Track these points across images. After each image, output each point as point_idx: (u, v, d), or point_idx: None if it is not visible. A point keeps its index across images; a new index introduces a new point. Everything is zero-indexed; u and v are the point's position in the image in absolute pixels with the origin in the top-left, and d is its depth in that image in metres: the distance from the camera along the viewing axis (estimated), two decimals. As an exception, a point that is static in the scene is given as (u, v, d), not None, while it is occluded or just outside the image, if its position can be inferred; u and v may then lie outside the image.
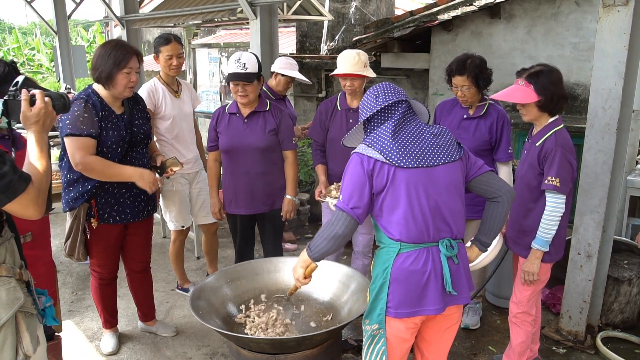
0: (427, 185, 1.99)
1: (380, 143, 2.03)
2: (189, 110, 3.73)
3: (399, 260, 1.99)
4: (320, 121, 3.48)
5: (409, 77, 6.64)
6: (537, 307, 2.86)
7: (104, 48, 2.76)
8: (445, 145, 2.08)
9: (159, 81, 3.59)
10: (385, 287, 2.01)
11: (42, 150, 1.67)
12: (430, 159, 2.02)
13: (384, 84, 2.19)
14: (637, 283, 3.42)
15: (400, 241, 1.99)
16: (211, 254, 4.02)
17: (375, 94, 2.15)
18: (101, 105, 2.79)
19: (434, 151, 2.04)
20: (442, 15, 5.41)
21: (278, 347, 2.37)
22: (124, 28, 6.18)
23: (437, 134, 2.10)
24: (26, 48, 20.13)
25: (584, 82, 5.08)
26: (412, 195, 1.98)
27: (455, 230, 2.05)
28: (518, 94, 2.55)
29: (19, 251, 1.76)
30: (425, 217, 1.99)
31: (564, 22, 5.15)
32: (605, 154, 3.01)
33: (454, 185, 2.05)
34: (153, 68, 9.91)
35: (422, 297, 1.99)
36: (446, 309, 2.05)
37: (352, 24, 8.40)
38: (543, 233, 2.55)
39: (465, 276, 2.07)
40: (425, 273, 1.98)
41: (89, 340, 3.46)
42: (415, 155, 2.00)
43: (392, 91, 2.15)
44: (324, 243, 2.06)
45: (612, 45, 2.90)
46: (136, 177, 2.80)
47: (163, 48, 3.49)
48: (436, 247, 2.00)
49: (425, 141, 2.06)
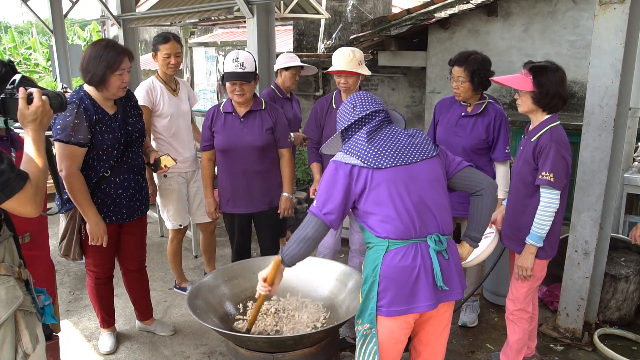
0: (407, 182, 2.01)
1: (356, 148, 2.07)
2: (187, 108, 3.73)
3: (388, 258, 1.99)
4: (315, 119, 3.49)
5: (406, 75, 6.65)
6: (534, 304, 2.87)
7: (94, 49, 2.71)
8: (420, 144, 2.11)
9: (157, 79, 3.58)
10: (375, 285, 2.01)
11: (39, 148, 1.67)
12: (407, 157, 2.04)
13: (362, 93, 2.23)
14: (634, 280, 3.43)
15: (388, 238, 2.00)
16: (209, 252, 4.02)
17: (353, 104, 2.18)
18: (94, 109, 2.76)
19: (411, 149, 2.07)
20: (439, 13, 5.41)
21: (276, 345, 2.37)
22: (121, 27, 6.17)
23: (411, 134, 2.14)
24: (22, 47, 20.06)
25: (581, 80, 5.09)
26: (393, 193, 2.00)
27: (442, 225, 2.05)
28: (515, 81, 2.60)
29: (17, 250, 1.75)
30: (410, 213, 1.99)
31: (561, 20, 5.16)
32: (602, 152, 3.02)
33: (436, 180, 2.07)
34: (150, 67, 9.90)
35: (414, 294, 1.99)
36: (439, 307, 2.04)
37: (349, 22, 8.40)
38: (537, 228, 2.56)
39: (456, 272, 2.07)
40: (415, 269, 1.97)
41: (87, 339, 3.45)
42: (391, 155, 2.03)
43: (370, 100, 2.19)
44: (294, 245, 2.09)
45: (609, 42, 2.90)
46: (91, 223, 2.80)
47: (161, 46, 3.48)
48: (425, 243, 2.00)
49: (400, 141, 2.09)
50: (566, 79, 2.60)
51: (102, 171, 2.84)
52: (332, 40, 8.35)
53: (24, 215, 1.59)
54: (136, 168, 3.01)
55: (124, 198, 2.95)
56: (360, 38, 6.08)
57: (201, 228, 3.94)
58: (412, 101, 6.80)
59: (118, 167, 2.89)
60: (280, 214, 3.41)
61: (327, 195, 2.05)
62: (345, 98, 3.37)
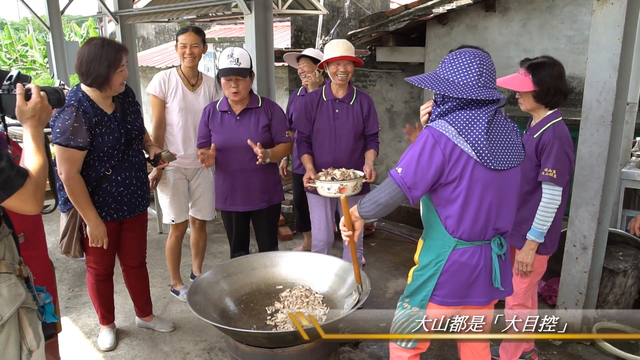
0: (499, 186, 1.95)
1: (473, 135, 1.86)
2: (203, 106, 3.56)
3: (455, 255, 1.99)
4: (306, 112, 3.49)
5: (404, 71, 6.64)
6: (533, 299, 2.88)
7: (90, 50, 2.66)
8: (517, 145, 2.02)
9: (177, 72, 3.57)
10: (436, 276, 2.01)
11: (38, 144, 1.66)
12: (508, 161, 1.95)
13: (485, 60, 1.91)
14: (632, 274, 3.44)
15: (459, 238, 1.98)
16: (196, 248, 3.99)
17: (479, 72, 1.89)
18: (93, 110, 2.74)
19: (512, 152, 1.97)
20: (437, 9, 5.41)
21: (276, 341, 2.38)
22: (118, 23, 6.14)
23: (511, 130, 2.01)
24: (19, 44, 20.00)
25: (579, 75, 5.09)
26: (484, 196, 1.92)
27: (507, 230, 2.06)
28: (515, 82, 2.59)
29: (17, 247, 1.75)
30: (489, 219, 1.97)
31: (559, 15, 5.15)
32: (600, 147, 3.02)
33: (517, 188, 2.06)
34: (148, 64, 9.87)
35: (470, 289, 2.02)
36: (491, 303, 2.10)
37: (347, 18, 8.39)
38: (538, 224, 2.57)
39: (510, 271, 2.14)
40: (478, 267, 2.00)
41: (86, 336, 3.46)
42: (500, 156, 1.91)
43: (494, 77, 1.93)
44: (368, 204, 2.02)
45: (607, 37, 2.90)
46: (91, 226, 2.81)
47: (180, 37, 3.48)
48: (488, 245, 2.02)
49: (507, 140, 1.96)
50: (565, 73, 2.60)
51: (103, 170, 2.83)
52: (330, 36, 8.33)
53: (25, 212, 1.58)
54: (137, 165, 3.00)
55: (125, 195, 2.95)
56: (358, 34, 6.08)
57: (191, 221, 3.93)
58: (410, 97, 6.80)
59: (119, 165, 2.89)
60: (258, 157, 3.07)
61: (417, 167, 1.87)
62: (336, 90, 3.39)
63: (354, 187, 3.13)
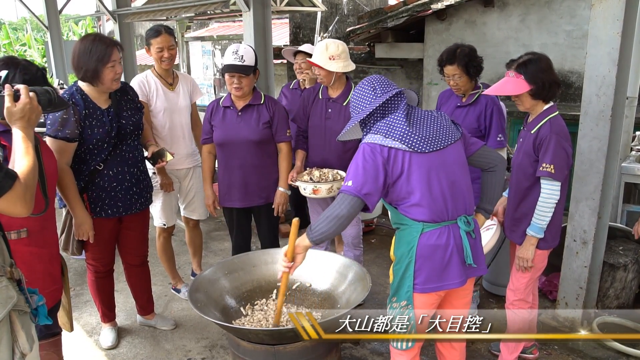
0: (441, 167, 2.08)
1: (398, 131, 2.06)
2: (185, 103, 3.62)
3: (424, 238, 2.07)
4: (303, 107, 3.52)
5: (403, 67, 6.64)
6: (533, 294, 2.88)
7: (82, 45, 2.72)
8: (448, 126, 2.17)
9: (153, 73, 3.52)
10: (411, 265, 2.08)
11: (28, 146, 1.64)
12: (441, 142, 2.10)
13: (376, 77, 2.22)
14: (632, 269, 3.44)
15: (423, 222, 2.06)
16: (193, 246, 3.98)
17: (372, 87, 2.17)
18: (85, 103, 2.77)
19: (442, 133, 2.12)
20: (436, 5, 5.41)
21: (277, 337, 2.39)
22: (116, 22, 6.13)
23: (439, 116, 2.19)
24: (17, 44, 19.93)
25: (578, 70, 5.09)
26: (430, 178, 2.05)
27: (468, 206, 2.16)
28: (509, 86, 2.57)
29: (7, 249, 1.71)
30: (445, 198, 2.07)
31: (558, 10, 5.15)
32: (599, 141, 3.02)
33: (463, 162, 2.17)
34: (147, 62, 9.85)
35: (446, 272, 2.09)
36: (467, 282, 2.16)
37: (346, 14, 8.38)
38: (537, 220, 2.57)
39: (481, 249, 2.23)
40: (449, 247, 2.07)
41: (88, 335, 3.46)
42: (430, 139, 2.07)
43: (386, 81, 2.21)
44: (324, 223, 2.06)
45: (606, 32, 2.90)
46: (77, 218, 2.81)
47: (153, 41, 3.42)
48: (455, 224, 2.10)
49: (434, 124, 2.13)
50: (552, 64, 2.60)
51: (94, 164, 2.84)
52: (329, 33, 8.33)
53: (14, 215, 1.56)
54: (131, 161, 2.98)
55: (120, 191, 2.94)
56: (356, 30, 6.07)
57: (185, 221, 3.92)
58: (410, 93, 6.79)
59: (111, 160, 2.88)
60: (274, 210, 3.36)
61: (366, 176, 2.03)
62: (331, 89, 3.41)
63: (329, 190, 3.16)
